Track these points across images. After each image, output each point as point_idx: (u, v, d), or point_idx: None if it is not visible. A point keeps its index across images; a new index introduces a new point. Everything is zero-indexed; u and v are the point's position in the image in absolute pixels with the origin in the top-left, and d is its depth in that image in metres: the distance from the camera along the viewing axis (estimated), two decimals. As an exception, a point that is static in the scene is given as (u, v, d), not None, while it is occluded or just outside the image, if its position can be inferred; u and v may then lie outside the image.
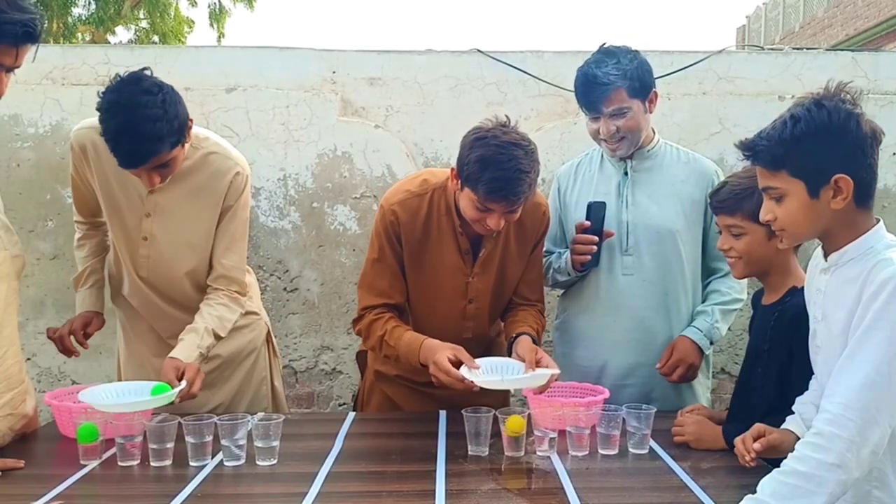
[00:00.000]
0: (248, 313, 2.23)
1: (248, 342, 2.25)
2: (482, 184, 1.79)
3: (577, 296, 2.27)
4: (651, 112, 2.16)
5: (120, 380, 2.27)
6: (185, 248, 2.06)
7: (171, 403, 1.78)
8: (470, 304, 2.07)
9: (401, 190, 2.04)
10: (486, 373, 1.89)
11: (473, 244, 2.02)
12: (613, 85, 2.04)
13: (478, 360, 1.89)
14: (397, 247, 2.01)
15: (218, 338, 2.02)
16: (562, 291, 2.39)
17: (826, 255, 1.46)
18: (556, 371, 1.86)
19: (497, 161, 1.78)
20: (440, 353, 1.85)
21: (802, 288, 1.71)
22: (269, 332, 2.35)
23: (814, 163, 1.36)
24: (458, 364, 1.85)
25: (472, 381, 1.79)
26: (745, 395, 1.86)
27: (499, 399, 2.12)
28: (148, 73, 1.85)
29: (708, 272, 2.26)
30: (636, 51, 2.13)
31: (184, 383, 1.81)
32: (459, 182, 1.88)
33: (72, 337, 2.15)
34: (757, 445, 1.60)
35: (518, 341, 1.99)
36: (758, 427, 1.64)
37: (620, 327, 2.18)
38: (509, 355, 2.01)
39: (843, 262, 1.40)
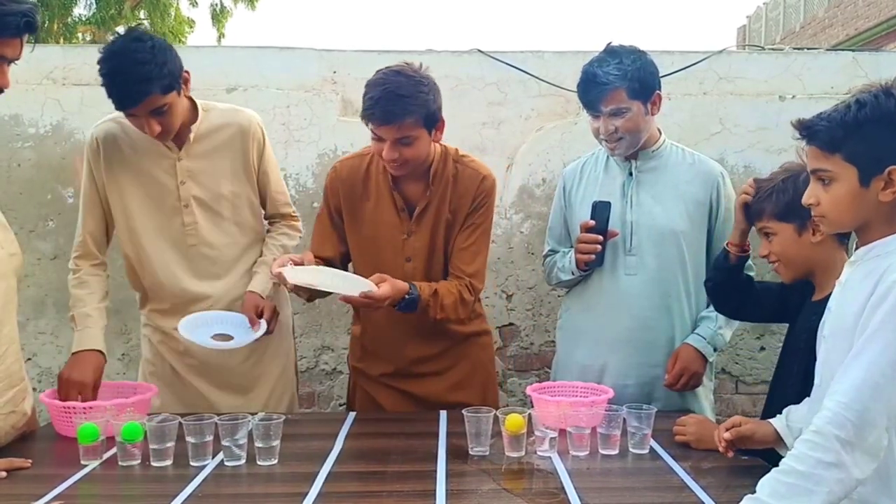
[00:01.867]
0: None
1: (287, 318, 2.38)
2: (364, 107, 1.95)
3: (580, 295, 2.28)
4: (654, 114, 2.15)
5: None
6: (222, 199, 2.17)
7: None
8: (408, 262, 2.12)
9: (345, 156, 2.26)
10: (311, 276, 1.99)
11: (410, 204, 2.12)
12: (612, 85, 2.04)
13: (313, 267, 2.01)
14: (332, 202, 2.17)
15: None
16: (565, 291, 2.39)
17: (857, 249, 1.44)
18: (372, 287, 1.91)
19: (375, 84, 1.94)
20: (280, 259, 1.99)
21: None
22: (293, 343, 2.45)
23: (872, 150, 1.33)
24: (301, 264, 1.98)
25: (283, 274, 1.89)
26: (781, 392, 1.84)
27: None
28: (142, 27, 2.06)
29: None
30: (642, 51, 2.12)
31: (264, 327, 2.07)
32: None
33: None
34: (727, 434, 1.63)
35: None
36: (734, 419, 1.66)
37: (622, 327, 2.18)
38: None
39: (868, 257, 1.38)
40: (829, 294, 1.69)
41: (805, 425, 1.34)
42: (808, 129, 1.39)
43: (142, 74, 1.90)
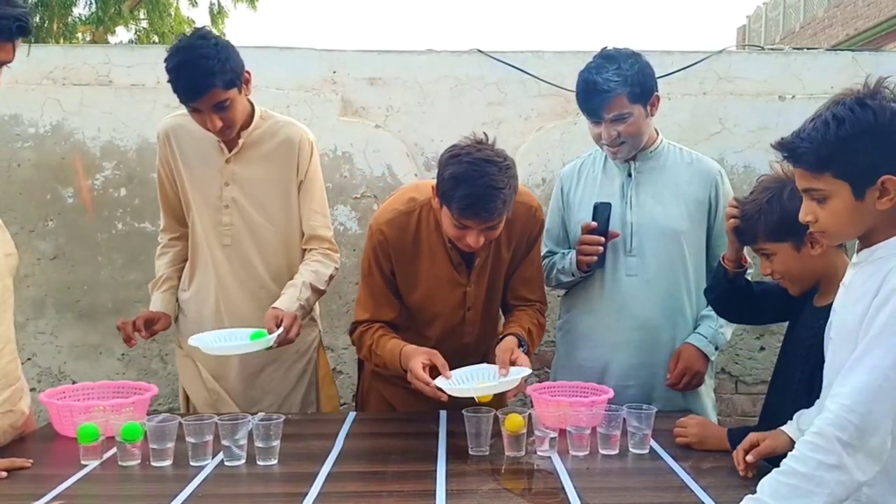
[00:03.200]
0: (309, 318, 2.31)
1: (303, 343, 2.30)
2: (455, 201, 1.80)
3: (580, 296, 2.28)
4: (653, 115, 2.15)
5: (187, 399, 2.37)
6: (264, 208, 2.22)
7: (269, 348, 1.98)
8: (469, 311, 2.10)
9: (389, 209, 2.07)
10: (460, 381, 1.89)
11: (466, 255, 2.02)
12: (614, 92, 2.03)
13: (454, 371, 1.90)
14: (385, 266, 2.04)
15: (316, 291, 2.19)
16: (563, 292, 2.39)
17: (859, 251, 1.43)
18: (527, 372, 1.86)
19: (469, 178, 1.79)
20: (415, 359, 1.87)
21: None
22: (321, 340, 2.44)
23: (860, 164, 1.31)
24: (434, 369, 1.87)
25: (442, 391, 1.80)
26: (781, 395, 1.83)
27: (493, 399, 2.12)
28: (207, 28, 2.14)
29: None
30: (637, 54, 2.11)
31: (281, 329, 1.98)
32: (438, 200, 1.90)
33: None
34: (750, 458, 1.59)
35: (501, 341, 1.99)
36: (750, 438, 1.63)
37: (623, 327, 2.18)
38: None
39: (872, 259, 1.37)
40: (832, 301, 1.68)
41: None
42: (791, 152, 1.38)
43: (205, 68, 1.98)
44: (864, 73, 3.12)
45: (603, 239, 2.13)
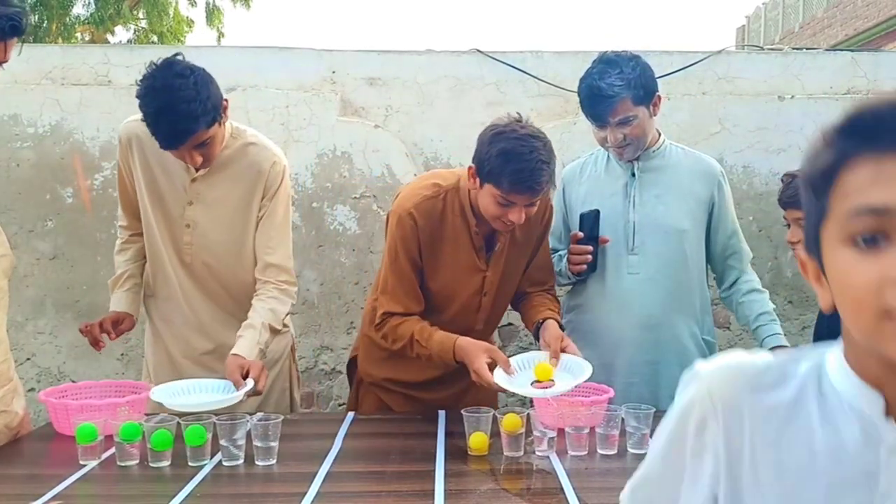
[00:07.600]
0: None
1: (274, 352, 2.25)
2: (506, 177, 1.83)
3: (583, 296, 2.29)
4: (655, 115, 2.17)
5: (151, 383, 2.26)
6: (226, 233, 2.13)
7: (241, 401, 1.88)
8: (485, 296, 2.10)
9: (414, 195, 2.03)
10: (520, 369, 1.92)
11: (487, 240, 2.06)
12: (619, 96, 2.05)
13: (511, 359, 1.93)
14: (415, 252, 2.00)
15: (273, 332, 2.08)
16: (567, 290, 2.41)
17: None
18: (587, 373, 1.84)
19: (519, 153, 1.82)
20: (478, 358, 1.88)
21: None
22: (293, 345, 2.38)
23: None
24: (493, 366, 1.89)
25: (512, 391, 1.84)
26: None
27: (490, 398, 2.13)
28: (179, 58, 1.96)
29: (720, 275, 2.30)
30: (637, 56, 2.13)
31: (251, 382, 1.88)
32: (478, 180, 1.91)
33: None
34: None
35: (545, 326, 2.03)
36: None
37: (626, 325, 2.20)
38: (536, 340, 2.08)
39: None
40: None
41: None
42: None
43: (189, 113, 1.85)
44: (862, 73, 3.14)
45: (590, 248, 2.16)
